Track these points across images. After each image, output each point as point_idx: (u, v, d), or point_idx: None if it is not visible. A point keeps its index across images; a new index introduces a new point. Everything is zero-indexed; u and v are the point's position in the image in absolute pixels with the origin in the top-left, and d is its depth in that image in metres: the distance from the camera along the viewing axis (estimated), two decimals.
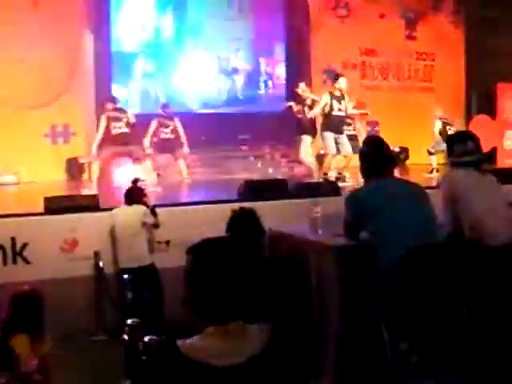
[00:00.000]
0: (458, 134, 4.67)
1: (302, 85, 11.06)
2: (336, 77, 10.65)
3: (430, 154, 11.65)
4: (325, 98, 10.30)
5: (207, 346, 2.03)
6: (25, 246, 6.67)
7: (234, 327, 2.05)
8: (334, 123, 10.23)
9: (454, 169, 4.57)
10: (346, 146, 10.13)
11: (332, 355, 4.03)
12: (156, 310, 6.47)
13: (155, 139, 10.74)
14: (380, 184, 4.13)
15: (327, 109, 10.22)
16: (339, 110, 10.26)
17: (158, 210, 7.06)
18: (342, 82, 10.37)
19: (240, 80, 13.90)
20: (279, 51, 14.18)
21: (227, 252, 2.13)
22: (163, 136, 10.75)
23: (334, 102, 10.22)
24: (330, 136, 10.16)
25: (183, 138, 10.82)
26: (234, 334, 2.05)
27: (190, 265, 2.13)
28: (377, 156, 4.19)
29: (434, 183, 8.94)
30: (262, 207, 6.90)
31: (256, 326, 2.10)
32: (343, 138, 10.22)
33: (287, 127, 11.01)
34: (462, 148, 4.48)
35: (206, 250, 2.14)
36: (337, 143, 10.17)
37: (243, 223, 3.89)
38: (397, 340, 3.83)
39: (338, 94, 10.31)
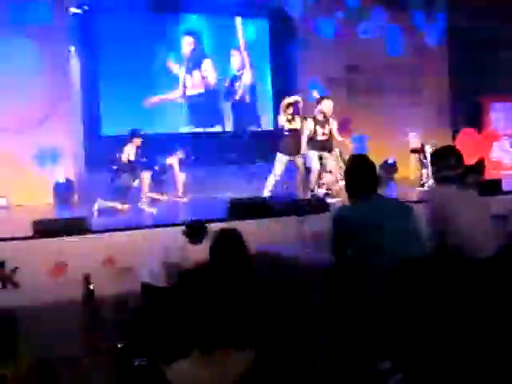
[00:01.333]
0: (440, 149, 4.72)
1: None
2: (319, 100, 10.65)
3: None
4: (309, 126, 10.30)
5: (192, 373, 2.04)
6: (14, 270, 6.66)
7: (218, 353, 2.07)
8: (317, 144, 10.26)
9: (438, 184, 4.62)
10: (330, 162, 10.20)
11: (319, 375, 4.03)
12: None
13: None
14: (364, 202, 4.16)
15: (311, 134, 10.24)
16: (323, 134, 10.28)
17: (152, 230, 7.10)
18: (326, 105, 10.37)
19: (225, 96, 13.96)
20: (266, 67, 14.28)
21: (207, 281, 2.15)
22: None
23: (318, 128, 10.24)
24: (313, 153, 10.20)
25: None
26: (218, 360, 2.06)
27: (172, 294, 2.15)
28: (361, 174, 4.23)
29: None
30: (248, 226, 7.01)
31: (240, 351, 2.11)
32: (326, 154, 10.24)
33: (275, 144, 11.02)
34: (444, 163, 4.53)
35: (186, 280, 2.16)
36: (321, 159, 10.22)
37: (225, 246, 3.85)
38: (379, 358, 3.83)
39: (321, 118, 10.30)
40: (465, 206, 4.40)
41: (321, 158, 10.24)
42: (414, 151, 12.20)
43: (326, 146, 10.34)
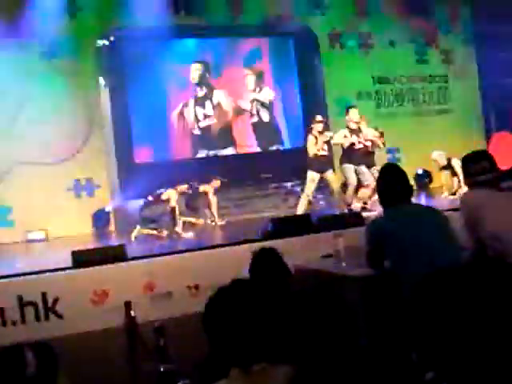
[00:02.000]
0: (471, 154, 4.66)
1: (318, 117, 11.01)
2: (347, 109, 10.69)
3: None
4: (342, 133, 10.35)
5: None
6: (56, 300, 6.74)
7: (257, 369, 2.05)
8: (353, 156, 10.25)
9: (471, 189, 4.57)
10: (367, 176, 10.13)
11: None
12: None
13: None
14: (398, 211, 4.14)
15: (347, 143, 10.24)
16: (359, 142, 10.31)
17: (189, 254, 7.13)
18: (353, 114, 10.42)
19: (258, 116, 14.02)
20: (292, 85, 14.30)
21: (245, 294, 2.15)
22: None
23: (353, 136, 10.27)
24: (349, 167, 10.19)
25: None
26: (256, 376, 2.04)
27: (209, 308, 2.15)
28: (393, 183, 4.22)
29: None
30: (287, 244, 7.01)
31: (280, 367, 2.09)
32: (363, 169, 10.22)
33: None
34: (476, 168, 4.47)
35: (222, 295, 2.16)
36: (357, 174, 10.19)
37: (264, 263, 3.88)
38: (423, 370, 3.78)
39: (353, 126, 10.35)
40: (500, 208, 4.33)
41: (357, 174, 10.20)
42: (442, 169, 12.14)
43: (362, 157, 10.32)
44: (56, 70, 11.35)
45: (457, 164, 10.96)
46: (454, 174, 11.52)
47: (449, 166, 11.79)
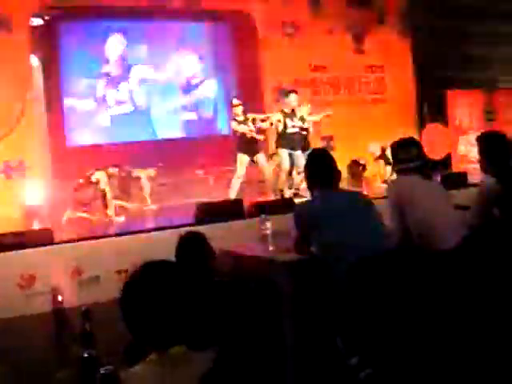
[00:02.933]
0: (400, 140, 4.70)
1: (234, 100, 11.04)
2: (286, 93, 10.72)
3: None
4: (277, 116, 10.37)
5: (147, 376, 1.99)
6: None
7: (175, 352, 2.02)
8: (288, 140, 10.28)
9: (399, 176, 4.62)
10: (301, 161, 10.17)
11: (289, 372, 4.01)
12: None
13: None
14: (326, 196, 4.14)
15: (281, 127, 10.28)
16: (293, 126, 10.34)
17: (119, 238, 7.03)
18: (292, 98, 10.45)
19: (191, 103, 13.91)
20: (228, 72, 14.22)
21: (159, 276, 2.11)
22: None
23: (287, 120, 10.29)
24: (283, 151, 10.22)
25: None
26: (175, 359, 2.01)
27: (125, 290, 2.11)
28: (321, 167, 4.22)
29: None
30: (216, 229, 6.98)
31: (201, 352, 2.06)
32: (298, 153, 10.26)
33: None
34: (405, 155, 4.52)
35: (137, 276, 2.12)
36: (292, 158, 10.24)
37: (190, 247, 3.85)
38: (347, 355, 3.81)
39: (288, 111, 10.39)
40: (426, 195, 4.39)
41: (291, 158, 10.25)
42: (378, 158, 12.35)
43: (297, 141, 10.36)
44: None
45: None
46: (388, 163, 11.69)
47: (383, 156, 11.98)
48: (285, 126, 10.26)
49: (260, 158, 10.51)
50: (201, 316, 2.20)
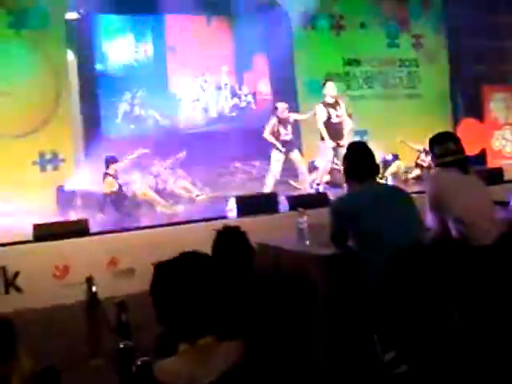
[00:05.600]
0: (438, 135, 4.65)
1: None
2: (323, 83, 10.67)
3: None
4: (320, 109, 10.33)
5: (177, 368, 2.00)
6: (16, 274, 6.64)
7: (205, 343, 2.02)
8: (331, 132, 10.23)
9: (438, 170, 4.57)
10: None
11: (323, 367, 3.99)
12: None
13: None
14: (363, 189, 4.10)
15: (324, 119, 10.23)
16: (337, 116, 10.28)
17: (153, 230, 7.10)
18: (329, 87, 10.38)
19: (224, 97, 13.88)
20: (262, 66, 14.16)
21: (192, 267, 2.11)
22: None
23: (331, 110, 10.25)
24: (324, 146, 10.19)
25: None
26: (205, 350, 2.01)
27: (156, 280, 2.11)
28: (359, 161, 4.18)
29: None
30: (251, 222, 6.97)
31: (230, 342, 2.06)
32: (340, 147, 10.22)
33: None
34: (442, 149, 4.48)
35: (172, 265, 2.12)
36: (336, 153, 10.23)
37: (228, 242, 3.84)
38: (384, 349, 3.77)
39: (330, 100, 10.32)
40: (464, 189, 4.34)
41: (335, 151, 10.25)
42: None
43: (340, 132, 10.30)
44: (24, 41, 11.12)
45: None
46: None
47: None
48: (328, 117, 10.19)
49: (295, 154, 10.50)
50: (231, 308, 2.20)
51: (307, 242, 4.58)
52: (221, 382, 1.97)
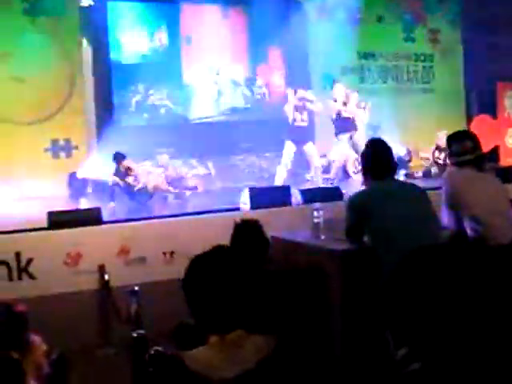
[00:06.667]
0: (455, 133, 4.65)
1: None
2: (332, 84, 10.79)
3: None
4: (331, 105, 10.49)
5: (209, 358, 2.02)
6: (30, 261, 6.67)
7: (234, 336, 2.05)
8: (343, 126, 10.32)
9: (455, 168, 4.56)
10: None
11: (337, 362, 4.00)
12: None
13: None
14: (380, 185, 4.11)
15: (334, 115, 10.33)
16: (345, 111, 10.37)
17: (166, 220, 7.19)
18: (337, 90, 10.52)
19: (238, 89, 13.86)
20: (276, 58, 14.13)
21: (225, 261, 2.13)
22: None
23: (340, 107, 10.36)
24: (339, 141, 10.29)
25: None
26: (235, 343, 2.04)
27: (189, 274, 2.12)
28: (377, 157, 4.18)
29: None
30: (265, 214, 6.98)
31: (259, 336, 2.08)
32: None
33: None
34: (460, 147, 4.47)
35: (204, 259, 2.13)
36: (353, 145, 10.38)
37: (246, 236, 3.86)
38: (396, 346, 3.77)
39: (340, 99, 10.42)
40: (481, 188, 4.33)
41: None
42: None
43: (352, 125, 10.39)
44: (39, 27, 11.14)
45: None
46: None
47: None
48: (338, 114, 10.29)
49: (309, 146, 10.53)
50: (259, 301, 2.21)
51: (322, 237, 4.58)
52: (250, 374, 1.99)
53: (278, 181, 10.28)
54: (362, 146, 9.01)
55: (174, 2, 13.05)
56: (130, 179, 10.15)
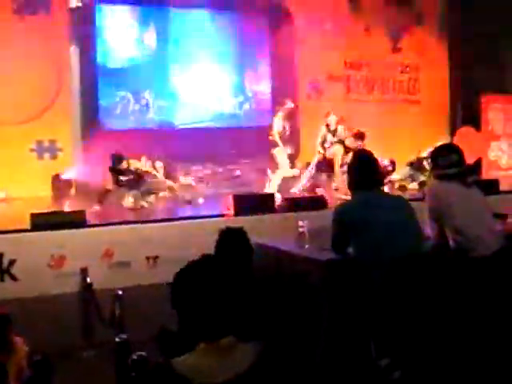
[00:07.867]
0: (442, 146, 4.71)
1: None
2: (327, 114, 10.92)
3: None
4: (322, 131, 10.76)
5: (198, 364, 2.05)
6: (12, 262, 6.64)
7: (224, 343, 2.07)
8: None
9: (439, 181, 4.60)
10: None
11: (321, 370, 4.04)
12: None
13: None
14: (366, 197, 4.15)
15: (320, 140, 10.69)
16: (330, 143, 10.76)
17: (150, 225, 7.14)
18: (331, 119, 10.76)
19: (225, 95, 13.89)
20: (263, 66, 14.18)
21: (212, 270, 2.15)
22: None
23: (328, 135, 10.56)
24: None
25: None
26: (224, 349, 2.06)
27: (177, 284, 2.15)
28: (363, 169, 4.23)
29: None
30: (249, 221, 7.01)
31: (248, 343, 2.11)
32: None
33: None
34: (446, 160, 4.51)
35: (191, 269, 2.16)
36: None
37: (231, 243, 3.89)
38: (379, 355, 3.82)
39: (332, 127, 10.62)
40: (464, 202, 4.38)
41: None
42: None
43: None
44: (27, 28, 11.11)
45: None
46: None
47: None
48: (324, 141, 10.47)
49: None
50: (248, 308, 2.25)
51: (306, 246, 4.62)
52: (239, 380, 2.02)
53: (272, 187, 10.33)
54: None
55: (163, 6, 13.06)
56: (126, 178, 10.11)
